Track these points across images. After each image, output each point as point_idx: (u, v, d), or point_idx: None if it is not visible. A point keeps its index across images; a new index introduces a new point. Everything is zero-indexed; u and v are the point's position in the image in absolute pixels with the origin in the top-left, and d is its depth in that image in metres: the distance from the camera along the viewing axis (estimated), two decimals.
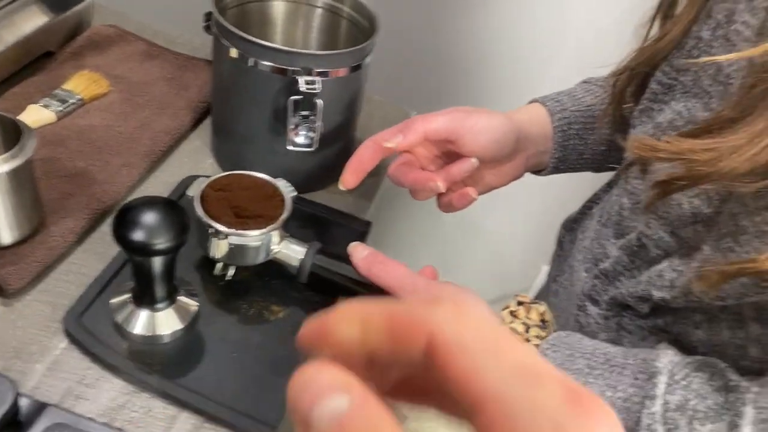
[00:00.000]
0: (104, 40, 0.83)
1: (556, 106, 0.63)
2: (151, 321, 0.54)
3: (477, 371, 0.18)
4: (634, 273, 0.52)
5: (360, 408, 0.17)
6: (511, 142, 0.59)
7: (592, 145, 0.64)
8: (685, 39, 0.50)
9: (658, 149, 0.42)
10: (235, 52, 0.61)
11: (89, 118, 0.73)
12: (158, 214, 0.49)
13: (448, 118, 0.56)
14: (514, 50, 1.16)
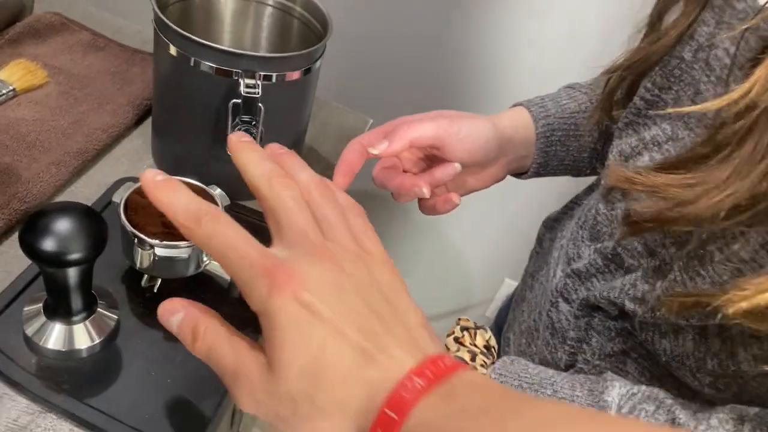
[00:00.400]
0: (45, 28, 0.78)
1: (540, 112, 0.63)
2: (65, 335, 0.50)
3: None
4: (607, 276, 0.52)
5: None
6: (495, 147, 0.59)
7: (574, 152, 0.64)
8: (667, 57, 0.49)
9: (634, 182, 0.42)
10: (174, 49, 0.58)
11: (20, 111, 0.68)
12: (72, 222, 0.45)
13: (433, 125, 0.56)
14: (477, 58, 1.14)
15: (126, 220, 0.51)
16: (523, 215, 1.36)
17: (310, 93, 0.66)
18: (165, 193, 0.36)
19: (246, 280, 0.33)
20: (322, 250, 0.34)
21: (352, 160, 0.56)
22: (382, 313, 0.33)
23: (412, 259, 1.56)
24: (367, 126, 0.84)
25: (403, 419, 0.30)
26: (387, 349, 0.32)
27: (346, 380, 0.31)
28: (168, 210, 0.35)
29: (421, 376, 0.30)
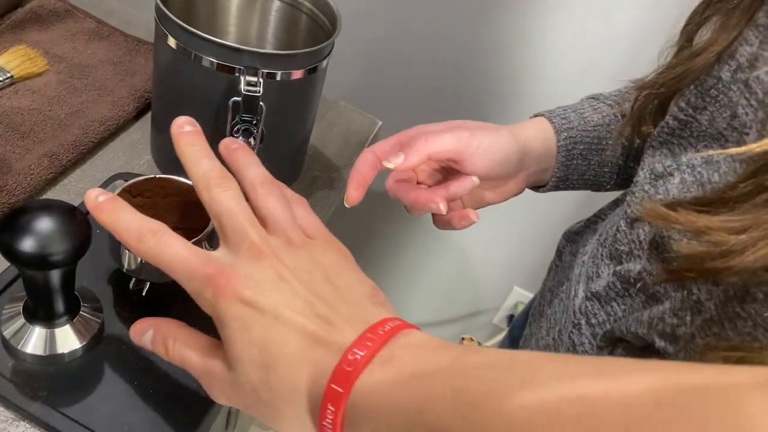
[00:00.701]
0: (49, 15, 0.76)
1: (563, 124, 0.60)
2: (44, 338, 0.48)
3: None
4: (627, 302, 0.48)
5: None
6: (516, 161, 0.56)
7: (595, 166, 0.61)
8: (704, 76, 0.46)
9: (670, 220, 0.38)
10: (174, 42, 0.55)
11: (17, 99, 0.66)
12: (53, 222, 0.43)
13: (452, 139, 0.53)
14: (495, 63, 1.11)
15: None
16: (535, 223, 1.32)
17: (316, 92, 0.63)
18: (108, 214, 0.38)
19: (193, 289, 0.36)
20: (261, 246, 0.36)
21: (364, 171, 0.53)
22: (324, 294, 0.35)
23: (420, 262, 1.53)
24: (375, 128, 0.81)
25: (348, 391, 0.31)
26: (331, 327, 0.34)
27: (293, 363, 0.33)
28: (112, 230, 0.38)
29: (361, 347, 0.32)
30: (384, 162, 0.52)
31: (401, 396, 0.30)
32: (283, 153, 0.64)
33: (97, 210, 0.38)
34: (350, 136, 0.79)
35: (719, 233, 0.34)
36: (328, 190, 0.71)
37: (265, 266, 0.35)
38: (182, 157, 0.41)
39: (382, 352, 0.32)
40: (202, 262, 0.35)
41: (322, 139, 0.77)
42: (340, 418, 0.31)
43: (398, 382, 0.31)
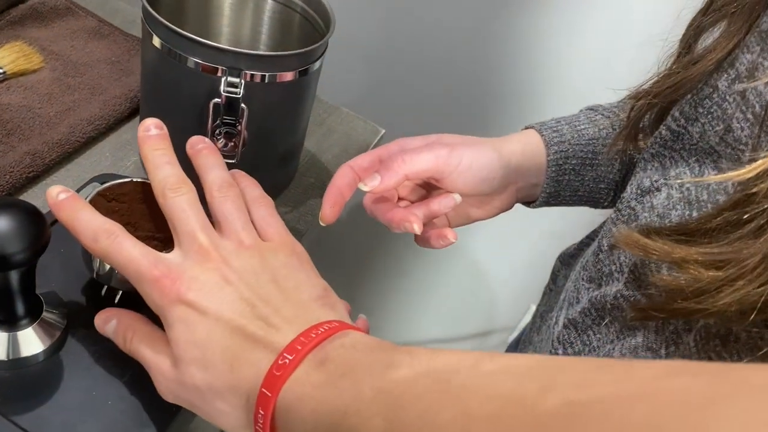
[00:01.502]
0: (49, 12, 0.75)
1: (553, 137, 0.56)
2: (8, 342, 0.46)
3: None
4: (602, 331, 0.45)
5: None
6: (500, 177, 0.53)
7: (590, 182, 0.58)
8: (701, 84, 0.42)
9: (646, 249, 0.36)
10: (158, 41, 0.53)
11: (7, 95, 0.65)
12: (10, 221, 0.41)
13: (431, 157, 0.51)
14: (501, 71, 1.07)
15: None
16: (555, 240, 1.28)
17: (309, 95, 0.61)
18: (66, 212, 0.40)
19: (142, 290, 0.37)
20: (209, 249, 0.37)
21: (341, 186, 0.52)
22: (268, 296, 0.36)
23: (433, 277, 1.50)
24: (377, 137, 0.79)
25: (276, 395, 0.31)
26: (271, 328, 0.34)
27: (233, 365, 0.34)
28: (70, 229, 0.39)
29: (291, 351, 0.32)
30: (359, 184, 0.50)
31: (328, 398, 0.30)
32: (272, 157, 0.62)
33: (57, 208, 0.40)
34: (350, 143, 0.76)
35: (695, 267, 0.31)
36: (321, 198, 0.69)
37: (210, 269, 0.36)
38: (144, 161, 0.42)
39: (316, 353, 0.32)
40: (152, 263, 0.37)
41: (320, 145, 0.75)
42: (269, 421, 0.32)
43: (327, 383, 0.31)
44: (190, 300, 0.35)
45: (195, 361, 0.35)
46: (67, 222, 0.39)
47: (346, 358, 0.32)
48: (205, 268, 0.36)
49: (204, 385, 0.35)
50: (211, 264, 0.37)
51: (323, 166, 0.73)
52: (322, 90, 0.62)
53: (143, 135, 0.42)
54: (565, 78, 1.03)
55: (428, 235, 0.53)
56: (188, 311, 0.35)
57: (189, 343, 0.35)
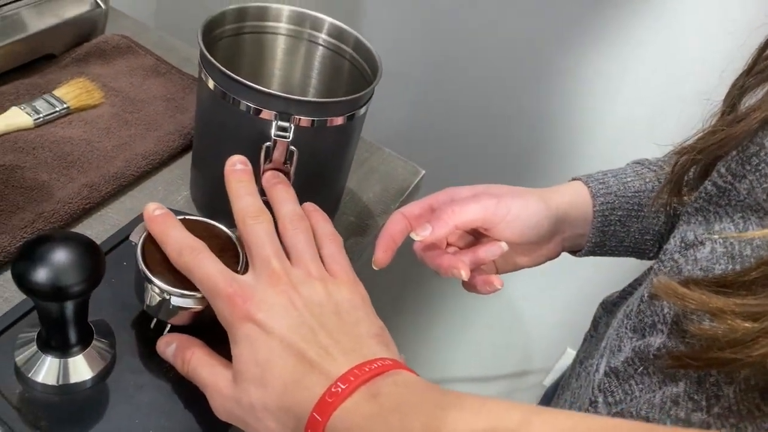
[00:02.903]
0: (112, 50, 0.79)
1: (600, 188, 0.58)
2: (55, 368, 0.48)
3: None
4: (645, 381, 0.45)
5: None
6: (547, 227, 0.55)
7: (635, 233, 0.59)
8: (747, 143, 0.43)
9: (684, 299, 0.37)
10: (212, 84, 0.56)
11: (69, 129, 0.69)
12: (68, 254, 0.43)
13: (479, 208, 0.53)
14: (542, 116, 1.08)
15: (143, 261, 0.48)
16: (595, 284, 1.27)
17: (353, 139, 0.63)
18: (158, 226, 0.45)
19: (215, 305, 0.41)
20: (280, 275, 0.40)
21: (394, 233, 0.55)
22: (329, 326, 0.38)
23: (470, 315, 1.49)
24: (417, 178, 0.80)
25: (326, 421, 0.33)
26: (329, 356, 0.37)
27: (288, 386, 0.36)
28: (160, 242, 0.44)
29: (345, 381, 0.35)
30: (411, 234, 0.53)
31: (376, 430, 0.33)
32: (317, 196, 0.63)
33: (151, 221, 0.45)
34: (390, 183, 0.78)
35: (732, 317, 0.32)
36: (360, 236, 0.70)
37: (280, 292, 0.39)
38: (229, 191, 0.46)
39: (368, 387, 0.35)
40: (227, 281, 0.40)
41: (361, 184, 0.76)
42: None
43: (377, 416, 0.33)
44: (258, 319, 0.38)
45: (254, 379, 0.37)
46: (158, 235, 0.45)
47: (397, 395, 0.34)
48: (275, 291, 0.39)
49: (259, 404, 0.37)
50: (281, 288, 0.40)
51: (364, 204, 0.74)
52: (364, 130, 0.64)
53: (230, 169, 0.47)
54: (608, 130, 1.03)
55: (475, 281, 0.55)
56: (255, 330, 0.38)
57: (251, 361, 0.37)
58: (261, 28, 0.64)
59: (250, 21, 0.63)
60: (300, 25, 0.64)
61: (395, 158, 0.82)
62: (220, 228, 0.52)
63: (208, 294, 0.41)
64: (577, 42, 0.99)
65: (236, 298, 0.39)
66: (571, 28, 0.98)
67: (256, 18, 0.63)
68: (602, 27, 0.95)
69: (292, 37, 0.65)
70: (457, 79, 1.11)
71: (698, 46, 0.91)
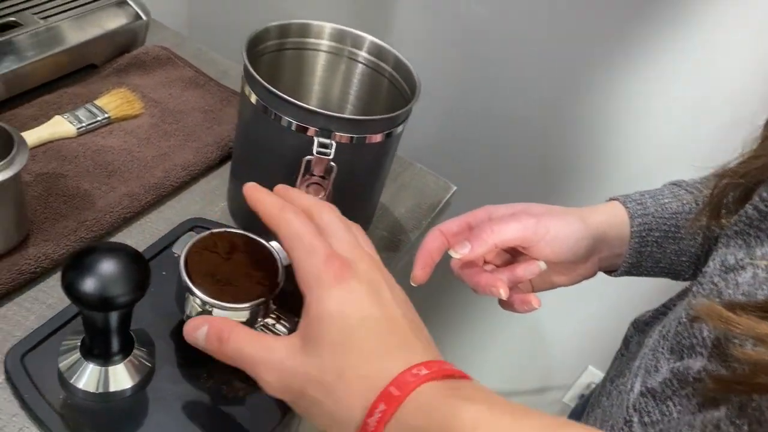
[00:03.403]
0: (151, 61, 0.81)
1: (637, 209, 0.58)
2: (95, 375, 0.49)
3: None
4: (684, 403, 0.45)
5: None
6: (585, 247, 0.56)
7: (672, 254, 0.59)
8: None
9: (730, 323, 0.37)
10: (255, 98, 0.57)
11: (110, 139, 0.70)
12: (115, 265, 0.44)
13: (519, 227, 0.53)
14: (577, 135, 1.08)
15: (186, 274, 0.49)
16: (618, 304, 1.26)
17: (389, 156, 0.63)
18: (252, 193, 0.44)
19: (306, 261, 0.39)
20: (372, 254, 0.42)
21: (432, 250, 0.55)
22: (414, 317, 0.39)
23: (492, 330, 1.49)
24: (449, 194, 0.80)
25: (404, 396, 0.33)
26: (417, 339, 0.37)
27: (372, 356, 0.36)
28: (254, 200, 0.44)
29: (429, 367, 0.35)
30: (450, 251, 0.53)
31: (447, 418, 0.32)
32: (353, 210, 0.64)
33: (248, 192, 0.45)
34: (422, 199, 0.79)
35: None
36: (393, 251, 0.71)
37: (374, 269, 0.40)
38: (254, 198, 0.45)
39: (447, 380, 0.35)
40: (323, 244, 0.39)
41: (393, 199, 0.77)
42: (386, 418, 0.33)
43: (450, 405, 0.33)
44: (349, 286, 0.37)
45: (334, 344, 0.36)
46: (252, 202, 0.44)
47: (474, 392, 0.34)
48: (368, 266, 0.39)
49: (331, 369, 0.36)
50: (375, 266, 0.40)
51: (395, 219, 0.75)
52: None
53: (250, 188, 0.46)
54: (642, 150, 1.03)
55: (512, 300, 0.55)
56: (348, 296, 0.37)
57: (336, 325, 0.36)
58: (303, 45, 0.65)
59: (292, 37, 0.64)
60: (341, 42, 0.65)
61: (427, 173, 0.82)
62: (260, 241, 0.53)
63: (304, 249, 0.39)
64: (612, 59, 0.99)
65: (336, 259, 0.38)
66: (607, 44, 0.98)
67: (299, 34, 0.64)
68: (639, 45, 0.95)
69: (332, 53, 0.65)
70: (488, 94, 1.12)
71: (735, 67, 0.90)
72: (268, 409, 0.52)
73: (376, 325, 0.37)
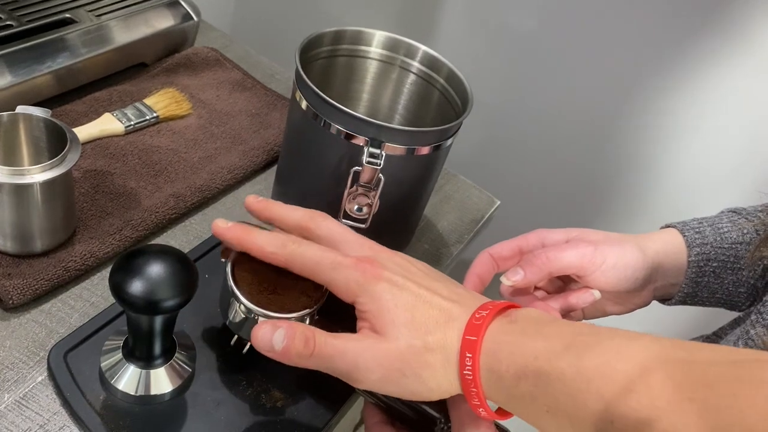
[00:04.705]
0: (200, 62, 0.81)
1: (696, 238, 0.57)
2: (136, 377, 0.49)
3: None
4: None
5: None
6: (642, 277, 0.54)
7: (729, 285, 0.57)
8: None
9: None
10: (305, 104, 0.57)
11: (158, 138, 0.70)
12: (164, 269, 0.44)
13: (575, 255, 0.52)
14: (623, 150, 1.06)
15: (232, 281, 0.49)
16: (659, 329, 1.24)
17: (437, 168, 0.62)
18: (243, 236, 0.47)
19: (340, 276, 0.42)
20: (384, 248, 0.45)
21: (482, 273, 0.55)
22: (437, 278, 0.43)
23: None
24: (492, 208, 0.79)
25: (481, 338, 0.38)
26: (459, 298, 0.41)
27: (440, 321, 0.40)
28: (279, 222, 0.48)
29: (484, 309, 0.39)
30: (502, 277, 0.52)
31: (523, 344, 0.37)
32: (395, 223, 0.63)
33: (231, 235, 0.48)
34: (465, 212, 0.77)
35: None
36: (435, 264, 0.69)
37: (396, 261, 0.43)
38: (276, 212, 0.49)
39: (504, 315, 0.39)
40: (344, 254, 0.43)
41: (437, 211, 0.76)
42: (477, 363, 0.37)
43: (521, 333, 0.37)
44: (388, 277, 0.41)
45: (407, 322, 0.39)
46: (278, 214, 0.48)
47: (533, 320, 0.38)
48: (389, 258, 0.43)
49: (419, 343, 0.39)
50: (396, 258, 0.43)
51: (438, 232, 0.74)
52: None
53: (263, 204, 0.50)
54: (699, 170, 1.00)
55: None
56: (390, 286, 0.40)
57: (399, 308, 0.40)
58: (355, 52, 0.64)
59: (345, 44, 0.63)
60: (394, 51, 0.64)
61: (471, 186, 0.81)
62: None
63: (327, 270, 0.42)
64: (666, 74, 0.96)
65: (363, 263, 0.41)
66: (660, 60, 0.96)
67: (352, 41, 0.63)
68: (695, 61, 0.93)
69: (384, 62, 0.65)
70: (535, 108, 1.10)
71: None
72: (306, 421, 0.51)
73: (428, 296, 0.40)
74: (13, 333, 0.51)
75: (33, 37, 0.67)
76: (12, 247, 0.54)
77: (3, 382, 0.48)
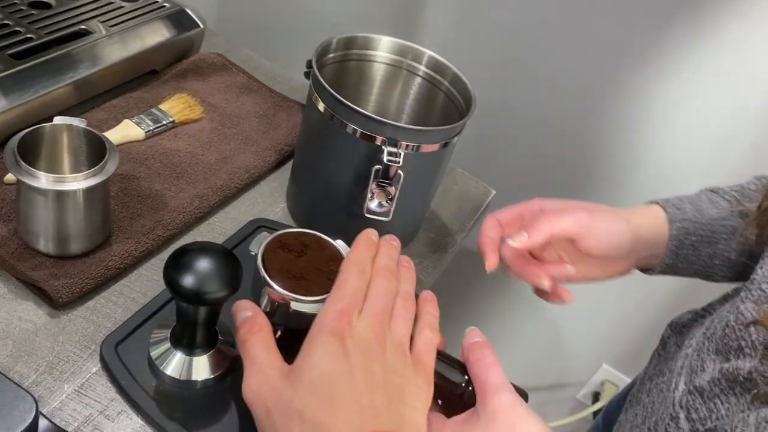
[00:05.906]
0: (208, 67, 0.85)
1: (677, 214, 0.63)
2: (184, 365, 0.53)
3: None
4: (731, 401, 0.49)
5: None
6: (627, 245, 0.60)
7: (705, 257, 0.63)
8: None
9: None
10: (322, 106, 0.61)
11: (176, 142, 0.74)
12: (212, 263, 0.48)
13: (573, 220, 0.58)
14: (608, 138, 1.12)
15: (264, 270, 0.53)
16: (634, 304, 1.31)
17: (444, 164, 0.67)
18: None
19: (326, 307, 0.43)
20: (383, 323, 0.43)
21: (494, 236, 0.60)
22: (392, 393, 0.41)
23: (514, 328, 1.53)
24: (489, 197, 0.84)
25: None
26: (392, 407, 0.40)
27: (337, 409, 0.38)
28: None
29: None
30: (508, 240, 0.57)
31: None
32: (409, 215, 0.68)
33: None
34: (465, 202, 0.83)
35: None
36: (441, 252, 0.75)
37: (377, 335, 0.42)
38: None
39: None
40: (339, 299, 0.44)
41: (439, 203, 0.81)
42: None
43: None
44: (346, 343, 0.40)
45: (310, 386, 0.39)
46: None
47: None
48: (371, 330, 0.42)
49: (298, 406, 0.39)
50: (379, 333, 0.42)
51: (442, 222, 0.79)
52: None
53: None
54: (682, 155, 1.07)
55: (546, 294, 0.60)
56: (340, 349, 0.40)
57: (317, 370, 0.40)
58: (365, 56, 0.69)
59: (356, 49, 0.68)
60: (401, 55, 0.69)
61: (468, 178, 0.86)
62: (328, 240, 0.57)
63: (328, 302, 0.44)
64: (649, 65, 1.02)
65: (343, 311, 0.42)
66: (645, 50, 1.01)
67: (362, 47, 0.68)
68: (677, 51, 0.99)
69: (392, 66, 0.69)
70: (523, 101, 1.16)
71: None
72: None
73: (352, 383, 0.39)
74: (63, 329, 0.55)
75: (53, 50, 0.71)
76: (54, 249, 0.58)
77: (61, 374, 0.52)
